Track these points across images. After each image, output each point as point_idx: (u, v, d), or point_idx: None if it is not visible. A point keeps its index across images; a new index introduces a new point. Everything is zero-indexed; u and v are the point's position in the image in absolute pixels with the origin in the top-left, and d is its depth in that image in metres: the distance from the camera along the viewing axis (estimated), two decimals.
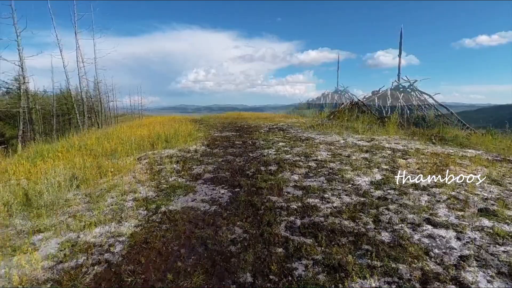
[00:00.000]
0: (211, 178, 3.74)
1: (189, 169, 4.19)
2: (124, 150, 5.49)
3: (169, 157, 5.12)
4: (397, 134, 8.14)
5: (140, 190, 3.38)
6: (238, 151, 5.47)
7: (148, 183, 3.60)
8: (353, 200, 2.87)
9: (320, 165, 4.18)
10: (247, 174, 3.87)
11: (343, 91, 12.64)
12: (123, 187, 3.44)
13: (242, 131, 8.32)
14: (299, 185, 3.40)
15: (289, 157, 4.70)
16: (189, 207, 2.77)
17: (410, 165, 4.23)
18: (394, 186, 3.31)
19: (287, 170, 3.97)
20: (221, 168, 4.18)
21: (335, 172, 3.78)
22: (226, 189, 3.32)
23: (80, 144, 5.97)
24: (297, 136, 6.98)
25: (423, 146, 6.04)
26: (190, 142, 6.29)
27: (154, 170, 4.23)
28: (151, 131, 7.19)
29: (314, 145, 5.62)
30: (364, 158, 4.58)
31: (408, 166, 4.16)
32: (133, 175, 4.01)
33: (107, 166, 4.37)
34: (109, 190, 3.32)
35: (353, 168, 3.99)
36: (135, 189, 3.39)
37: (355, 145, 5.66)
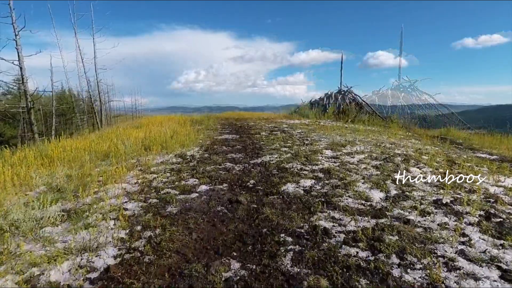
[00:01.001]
0: (207, 192, 3.32)
1: (183, 179, 3.78)
2: (117, 155, 5.09)
3: (164, 163, 4.71)
4: (407, 138, 7.70)
5: (127, 205, 2.98)
6: (238, 157, 5.06)
7: (137, 196, 3.19)
8: (370, 222, 2.45)
9: (327, 175, 3.75)
10: (247, 186, 3.46)
11: (346, 91, 12.17)
12: (108, 201, 3.04)
13: (243, 133, 7.90)
14: (304, 199, 2.98)
15: (293, 165, 4.27)
16: (178, 231, 2.35)
17: (426, 175, 3.80)
18: (413, 202, 2.89)
19: (291, 181, 3.55)
20: (218, 178, 3.77)
21: (345, 184, 3.36)
22: (223, 205, 2.91)
23: (72, 148, 5.57)
24: (300, 139, 6.55)
25: (433, 149, 5.61)
26: (188, 146, 5.88)
27: (145, 180, 3.82)
28: (147, 133, 6.78)
29: (319, 151, 5.19)
30: (374, 167, 4.15)
31: (425, 177, 3.73)
32: (122, 186, 3.60)
33: (95, 175, 3.98)
34: (92, 206, 2.91)
35: (364, 179, 3.56)
36: (121, 204, 2.99)
37: (363, 151, 5.23)
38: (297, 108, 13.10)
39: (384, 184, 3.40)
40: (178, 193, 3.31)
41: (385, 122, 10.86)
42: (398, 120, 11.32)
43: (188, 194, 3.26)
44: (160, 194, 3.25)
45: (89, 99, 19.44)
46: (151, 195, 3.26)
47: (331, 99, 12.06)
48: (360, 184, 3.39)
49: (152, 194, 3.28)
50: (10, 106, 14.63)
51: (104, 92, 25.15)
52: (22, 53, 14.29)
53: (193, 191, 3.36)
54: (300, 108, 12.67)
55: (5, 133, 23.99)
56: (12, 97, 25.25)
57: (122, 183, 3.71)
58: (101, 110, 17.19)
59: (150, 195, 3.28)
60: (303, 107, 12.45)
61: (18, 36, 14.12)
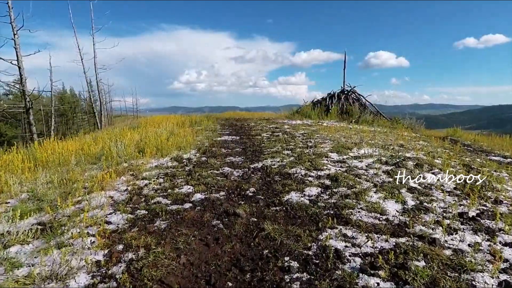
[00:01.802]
0: (202, 201, 2.96)
1: (177, 186, 3.43)
2: (109, 158, 4.75)
3: (158, 168, 4.36)
4: (415, 139, 7.29)
5: (111, 217, 2.63)
6: (237, 160, 4.70)
7: (124, 207, 2.83)
8: (389, 242, 2.08)
9: (334, 182, 3.38)
10: (246, 195, 3.10)
11: (350, 91, 11.78)
12: (91, 213, 2.69)
13: (243, 134, 7.55)
14: (311, 211, 2.62)
15: (296, 170, 3.91)
16: (165, 253, 2.00)
17: (443, 182, 3.43)
18: (435, 216, 2.52)
19: (295, 190, 3.18)
20: (215, 186, 3.41)
21: (356, 193, 2.99)
22: (219, 218, 2.55)
23: (63, 150, 5.23)
24: (303, 141, 6.18)
25: (445, 152, 5.21)
26: (185, 149, 5.53)
27: (135, 187, 3.47)
28: (143, 134, 6.43)
29: (324, 154, 4.82)
30: (386, 173, 3.78)
31: (442, 185, 3.35)
32: (110, 194, 3.26)
33: (82, 180, 3.64)
34: (72, 218, 2.56)
35: (377, 187, 3.19)
36: (104, 216, 2.64)
37: (371, 154, 4.85)
38: (299, 108, 12.71)
39: (399, 194, 3.02)
40: (169, 203, 2.95)
41: (390, 123, 10.46)
42: (404, 121, 10.91)
43: (180, 204, 2.90)
44: (149, 204, 2.90)
45: (90, 99, 19.15)
46: (140, 205, 2.91)
47: (334, 99, 11.66)
48: (372, 193, 3.02)
49: (141, 204, 2.92)
50: (9, 106, 14.36)
51: (105, 92, 24.93)
52: (20, 53, 14.01)
53: (186, 200, 3.00)
54: (302, 108, 12.28)
55: (6, 133, 23.82)
56: (14, 97, 25.09)
57: (110, 191, 3.36)
58: (101, 110, 16.88)
59: (138, 205, 2.93)
60: (305, 107, 12.07)
61: (17, 36, 13.84)
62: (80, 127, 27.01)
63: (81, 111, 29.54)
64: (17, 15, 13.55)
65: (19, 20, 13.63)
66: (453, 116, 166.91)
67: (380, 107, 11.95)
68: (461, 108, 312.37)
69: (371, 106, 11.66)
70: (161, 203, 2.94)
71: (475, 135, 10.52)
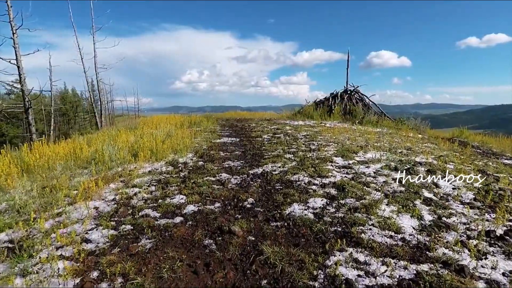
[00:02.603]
0: (194, 214, 2.65)
1: (169, 196, 3.12)
2: (100, 163, 4.47)
3: (151, 173, 4.06)
4: (421, 141, 6.93)
5: (91, 234, 2.32)
6: (236, 165, 4.38)
7: (108, 221, 2.53)
8: (409, 270, 1.76)
9: (341, 192, 3.06)
10: (244, 207, 2.78)
11: (353, 91, 11.41)
12: (69, 228, 2.39)
13: (243, 136, 7.23)
14: (316, 228, 2.30)
15: (299, 177, 3.59)
16: (144, 286, 1.68)
17: (459, 191, 3.09)
18: (458, 235, 2.19)
19: (298, 201, 2.86)
20: (210, 195, 3.09)
21: (365, 206, 2.66)
22: (212, 237, 2.24)
23: (53, 153, 4.95)
24: (305, 144, 5.85)
25: (455, 156, 4.86)
26: (181, 152, 5.22)
27: (124, 196, 3.17)
28: (138, 136, 6.13)
29: (328, 158, 4.49)
30: (396, 180, 3.44)
31: (459, 195, 3.02)
32: (95, 204, 2.96)
33: (68, 188, 3.35)
34: (47, 236, 2.26)
35: (388, 199, 2.86)
36: (85, 232, 2.34)
37: (379, 159, 4.51)
38: (301, 108, 12.36)
39: (413, 206, 2.69)
40: (158, 216, 2.64)
41: (395, 124, 10.09)
42: (409, 122, 10.53)
43: (170, 218, 2.59)
44: (136, 218, 2.59)
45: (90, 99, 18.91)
46: (126, 218, 2.60)
47: (337, 99, 11.30)
48: (384, 206, 2.69)
49: (127, 218, 2.62)
50: (8, 106, 14.13)
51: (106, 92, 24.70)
52: (19, 52, 13.75)
53: (177, 213, 2.69)
54: (304, 108, 11.94)
55: (8, 133, 23.68)
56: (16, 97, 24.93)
57: (96, 200, 3.06)
58: (101, 110, 16.62)
59: (124, 218, 2.62)
60: (308, 107, 11.72)
61: (16, 35, 13.57)
62: (81, 126, 26.84)
63: (83, 110, 29.36)
64: (16, 14, 13.31)
65: (18, 19, 13.38)
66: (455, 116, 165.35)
67: (382, 107, 11.58)
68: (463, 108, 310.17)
69: (375, 106, 11.29)
70: (149, 217, 2.63)
71: (482, 136, 10.12)
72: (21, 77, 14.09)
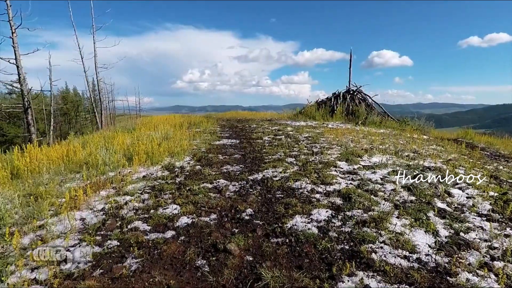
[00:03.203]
0: (187, 228, 2.41)
1: (162, 205, 2.89)
2: (93, 167, 4.25)
3: (146, 179, 3.83)
4: (427, 143, 6.65)
5: (73, 252, 2.09)
6: (235, 170, 4.14)
7: (93, 235, 2.30)
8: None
9: (347, 202, 2.81)
10: (242, 219, 2.54)
11: (355, 91, 11.13)
12: (50, 243, 2.17)
13: (243, 137, 6.99)
14: (320, 246, 2.06)
15: (302, 184, 3.34)
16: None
17: (474, 201, 2.84)
18: (481, 256, 1.94)
19: (300, 213, 2.62)
20: (206, 205, 2.86)
21: (374, 219, 2.41)
22: (205, 256, 2.00)
23: (46, 157, 4.73)
24: (308, 146, 5.61)
25: (464, 159, 4.59)
26: (178, 155, 4.98)
27: (114, 206, 2.94)
28: (135, 138, 5.91)
29: (332, 163, 4.24)
30: (406, 188, 3.20)
31: (474, 204, 2.76)
32: (82, 215, 2.73)
33: (55, 195, 3.13)
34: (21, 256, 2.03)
35: (399, 210, 2.61)
36: (66, 249, 2.11)
37: (385, 164, 4.26)
38: (302, 108, 12.10)
39: (427, 220, 2.44)
40: (149, 230, 2.41)
41: (398, 124, 9.81)
42: (412, 122, 10.25)
43: (161, 232, 2.36)
44: (124, 232, 2.36)
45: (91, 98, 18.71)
46: (113, 232, 2.37)
47: (339, 99, 11.02)
48: (394, 219, 2.45)
49: (114, 231, 2.39)
50: (6, 106, 13.96)
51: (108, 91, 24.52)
52: (19, 51, 13.55)
53: (169, 226, 2.46)
54: (306, 108, 11.67)
55: (9, 133, 23.57)
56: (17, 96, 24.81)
57: (83, 210, 2.84)
58: (101, 109, 16.43)
59: (112, 231, 2.39)
60: (309, 107, 11.45)
61: (15, 34, 13.37)
62: (83, 126, 26.70)
63: (84, 110, 29.22)
64: (15, 13, 13.11)
65: (17, 19, 13.18)
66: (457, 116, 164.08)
67: (384, 106, 11.30)
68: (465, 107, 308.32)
69: (378, 106, 11.00)
70: (139, 230, 2.40)
71: (488, 137, 9.83)
72: (20, 77, 13.91)
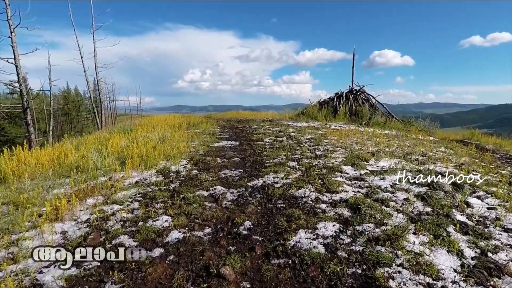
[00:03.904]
0: (177, 244, 2.14)
1: (152, 217, 2.61)
2: (84, 171, 3.99)
3: (138, 185, 3.55)
4: (435, 145, 6.34)
5: (44, 276, 1.82)
6: (234, 175, 3.86)
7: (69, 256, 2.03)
8: None
9: (355, 214, 2.52)
10: (239, 235, 2.26)
11: (359, 91, 10.81)
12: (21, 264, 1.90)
13: (243, 139, 6.71)
14: (329, 271, 1.77)
15: (305, 192, 3.06)
16: None
17: (497, 213, 2.54)
18: None
19: (305, 227, 2.33)
20: (200, 217, 2.58)
21: (388, 236, 2.12)
22: (195, 282, 1.72)
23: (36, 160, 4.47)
24: (310, 149, 5.32)
25: (477, 163, 4.28)
26: (174, 159, 4.71)
27: (100, 216, 2.66)
28: (130, 140, 5.64)
29: (337, 168, 3.95)
30: (419, 198, 2.90)
31: (498, 218, 2.46)
32: (63, 228, 2.46)
33: (39, 203, 2.87)
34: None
35: (416, 226, 2.31)
36: (38, 271, 1.84)
37: (394, 169, 3.96)
38: (304, 109, 11.80)
39: (448, 236, 2.15)
40: (135, 246, 2.14)
41: (403, 125, 9.50)
42: (417, 123, 9.93)
43: (149, 250, 2.08)
44: (107, 249, 2.09)
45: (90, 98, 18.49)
46: (95, 251, 2.10)
47: (342, 99, 10.71)
48: (411, 235, 2.15)
49: (96, 249, 2.11)
50: (5, 106, 13.76)
51: (109, 91, 24.33)
52: (18, 51, 13.37)
53: (158, 242, 2.18)
54: (308, 109, 11.37)
55: (11, 132, 23.44)
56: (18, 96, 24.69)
57: (66, 221, 2.57)
58: (101, 109, 16.21)
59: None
60: (311, 108, 11.15)
61: (14, 33, 13.18)
62: (84, 126, 26.53)
63: (85, 110, 29.06)
64: (14, 12, 12.89)
65: (16, 18, 12.98)
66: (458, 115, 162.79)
67: (387, 106, 10.99)
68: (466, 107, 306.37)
69: (382, 106, 10.68)
70: (124, 246, 2.13)
71: (495, 138, 9.50)
72: (19, 77, 13.70)
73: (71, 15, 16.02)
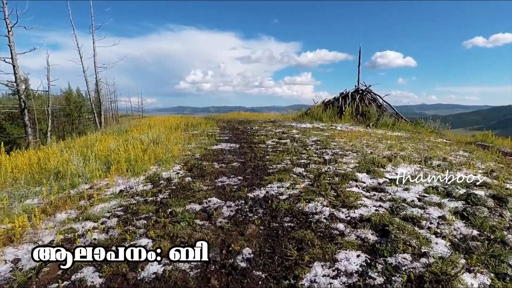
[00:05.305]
0: (153, 283, 1.60)
1: (128, 239, 2.08)
2: (64, 177, 3.49)
3: (121, 196, 3.03)
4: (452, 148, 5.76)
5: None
6: (232, 183, 3.33)
7: None
8: None
9: (384, 240, 1.97)
10: (235, 268, 1.72)
11: (365, 91, 10.25)
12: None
13: (244, 141, 6.18)
14: None
15: (317, 207, 2.51)
16: None
17: None
18: None
19: (321, 258, 1.79)
20: (188, 242, 2.04)
21: (435, 275, 1.57)
22: None
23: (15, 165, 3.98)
24: (318, 153, 4.77)
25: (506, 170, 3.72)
26: (167, 163, 4.18)
27: (67, 238, 2.15)
28: (120, 142, 5.13)
29: (350, 176, 3.40)
30: (458, 215, 2.34)
31: None
32: (17, 255, 1.94)
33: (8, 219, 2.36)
34: None
35: (466, 257, 1.76)
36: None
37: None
38: (308, 109, 11.25)
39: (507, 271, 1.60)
40: (99, 285, 1.61)
41: (413, 126, 8.91)
42: (427, 124, 9.33)
43: (124, 283, 1.56)
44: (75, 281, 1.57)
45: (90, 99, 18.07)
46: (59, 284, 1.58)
47: (347, 99, 10.15)
48: (466, 274, 1.60)
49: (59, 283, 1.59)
50: (2, 106, 13.37)
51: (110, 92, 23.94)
52: (15, 50, 12.99)
53: (129, 280, 1.64)
54: (312, 109, 10.82)
55: (12, 134, 23.12)
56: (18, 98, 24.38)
57: (25, 244, 2.05)
58: (101, 110, 15.77)
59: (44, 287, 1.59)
60: (316, 108, 10.59)
61: (11, 33, 12.81)
62: (86, 127, 26.17)
63: (87, 111, 28.71)
64: (11, 11, 12.52)
65: (13, 17, 12.59)
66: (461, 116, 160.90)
67: (389, 107, 10.42)
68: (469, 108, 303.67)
69: (389, 107, 10.10)
70: (85, 285, 1.60)
71: (510, 141, 8.88)
72: (16, 76, 13.29)
73: (70, 14, 15.64)
